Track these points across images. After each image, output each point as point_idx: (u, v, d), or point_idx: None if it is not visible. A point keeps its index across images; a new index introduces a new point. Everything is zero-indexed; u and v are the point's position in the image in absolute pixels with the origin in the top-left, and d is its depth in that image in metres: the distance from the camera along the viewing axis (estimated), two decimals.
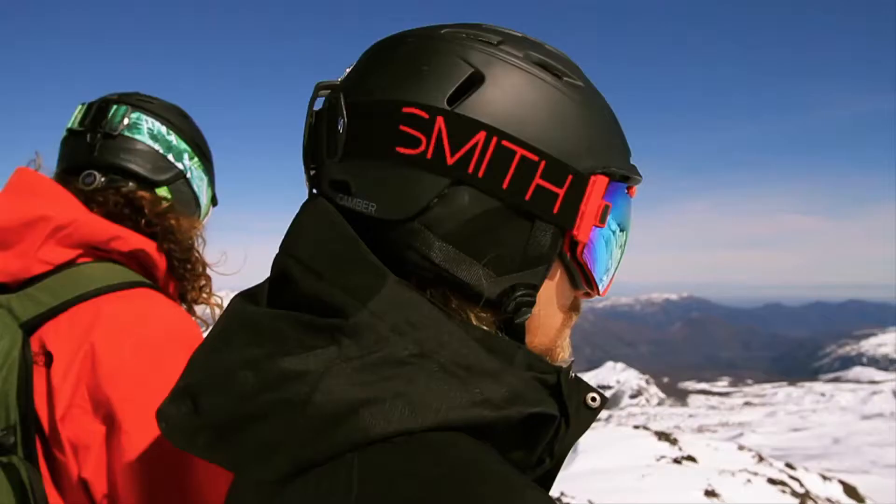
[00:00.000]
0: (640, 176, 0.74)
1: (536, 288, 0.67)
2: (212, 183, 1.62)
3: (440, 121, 0.63)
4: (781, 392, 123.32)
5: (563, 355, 0.75)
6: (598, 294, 0.75)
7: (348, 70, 0.72)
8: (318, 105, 0.72)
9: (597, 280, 0.72)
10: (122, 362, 1.20)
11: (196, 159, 1.54)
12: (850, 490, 20.42)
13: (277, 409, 0.57)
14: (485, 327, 0.66)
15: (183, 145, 1.51)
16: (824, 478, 20.97)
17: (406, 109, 0.64)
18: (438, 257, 0.63)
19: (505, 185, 0.64)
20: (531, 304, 0.67)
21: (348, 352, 0.58)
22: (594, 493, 14.71)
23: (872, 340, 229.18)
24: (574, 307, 0.76)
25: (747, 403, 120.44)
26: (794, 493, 17.54)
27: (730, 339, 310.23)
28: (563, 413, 0.66)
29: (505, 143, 0.63)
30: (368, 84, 0.67)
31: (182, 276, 1.44)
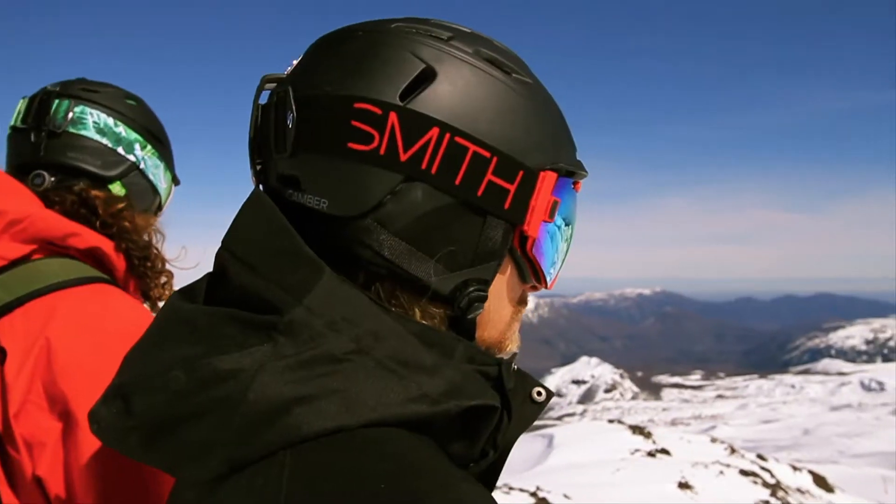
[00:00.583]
0: (586, 171, 0.75)
1: (488, 283, 0.68)
2: (170, 166, 1.58)
3: (393, 117, 0.63)
4: (753, 385, 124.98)
5: (513, 347, 0.76)
6: (546, 287, 0.76)
7: (295, 62, 0.71)
8: (265, 98, 0.70)
9: (545, 274, 0.73)
10: (79, 358, 1.18)
11: (149, 146, 1.49)
12: (819, 480, 20.76)
13: (210, 409, 0.57)
14: (435, 321, 0.67)
15: (133, 135, 1.45)
16: (794, 468, 21.30)
17: (358, 105, 0.63)
18: (391, 254, 0.63)
19: (458, 182, 0.64)
20: (483, 299, 0.67)
21: (283, 349, 0.57)
22: (569, 487, 14.80)
23: (840, 333, 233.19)
24: (522, 300, 0.77)
25: (720, 396, 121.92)
26: (766, 484, 17.81)
27: (702, 332, 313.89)
28: (505, 405, 0.66)
29: (458, 139, 0.63)
30: (318, 78, 0.66)
31: (143, 273, 1.41)
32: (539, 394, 0.70)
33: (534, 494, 13.68)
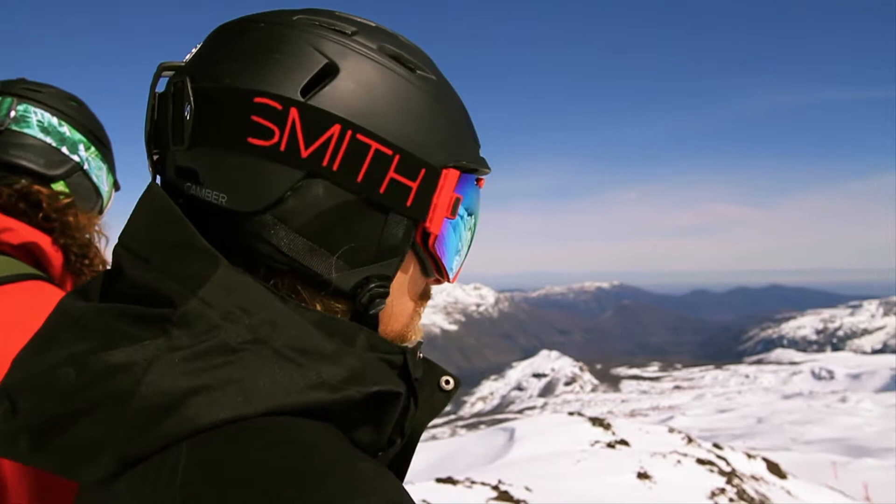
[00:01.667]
0: (489, 168, 0.75)
1: (390, 279, 0.68)
2: (112, 170, 1.56)
3: (294, 112, 0.62)
4: (709, 375, 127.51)
5: (416, 338, 0.76)
6: (448, 281, 0.77)
7: (194, 51, 0.69)
8: (163, 87, 0.69)
9: (448, 269, 0.74)
10: (9, 357, 1.15)
11: (93, 148, 1.46)
12: (772, 467, 21.29)
13: (101, 405, 0.55)
14: (337, 316, 0.66)
15: (77, 135, 1.43)
16: (749, 456, 21.80)
17: (258, 99, 0.62)
18: (292, 250, 0.63)
19: (359, 179, 0.63)
20: (385, 295, 0.67)
21: (177, 342, 0.56)
22: (531, 479, 14.91)
23: (792, 323, 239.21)
24: (424, 294, 0.76)
25: (677, 387, 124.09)
26: (722, 472, 18.18)
27: (659, 325, 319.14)
28: (410, 392, 0.66)
29: (359, 136, 0.63)
30: (217, 70, 0.65)
31: (79, 270, 1.37)
32: (447, 382, 0.71)
33: (495, 488, 13.74)
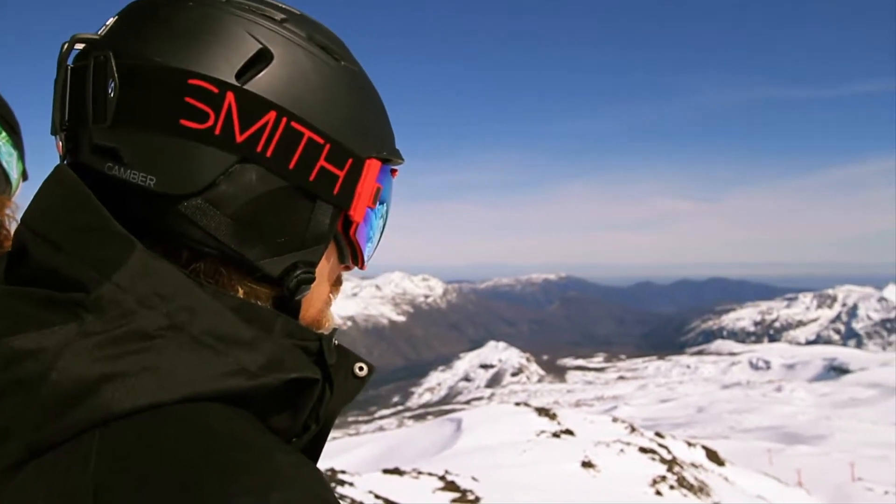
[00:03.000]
0: (403, 159, 0.77)
1: (315, 265, 0.69)
2: (21, 157, 1.52)
3: (230, 97, 0.62)
4: (651, 366, 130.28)
5: (330, 324, 0.77)
6: (360, 268, 0.78)
7: (111, 23, 0.67)
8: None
9: (365, 256, 0.76)
10: None
11: (3, 134, 1.42)
12: (711, 454, 21.90)
13: (8, 392, 0.54)
14: (260, 301, 0.67)
15: None
16: (689, 444, 22.39)
17: (192, 81, 0.62)
18: (222, 234, 0.63)
19: (292, 166, 0.64)
20: (311, 280, 0.68)
21: (90, 327, 0.55)
22: (477, 469, 15.02)
23: (732, 315, 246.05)
24: (338, 280, 0.78)
25: (621, 378, 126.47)
26: (663, 460, 18.62)
27: (604, 316, 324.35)
28: (326, 379, 0.67)
29: (294, 124, 0.64)
30: (146, 47, 0.63)
31: None
32: (361, 369, 0.71)
33: (442, 478, 13.81)
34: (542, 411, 23.82)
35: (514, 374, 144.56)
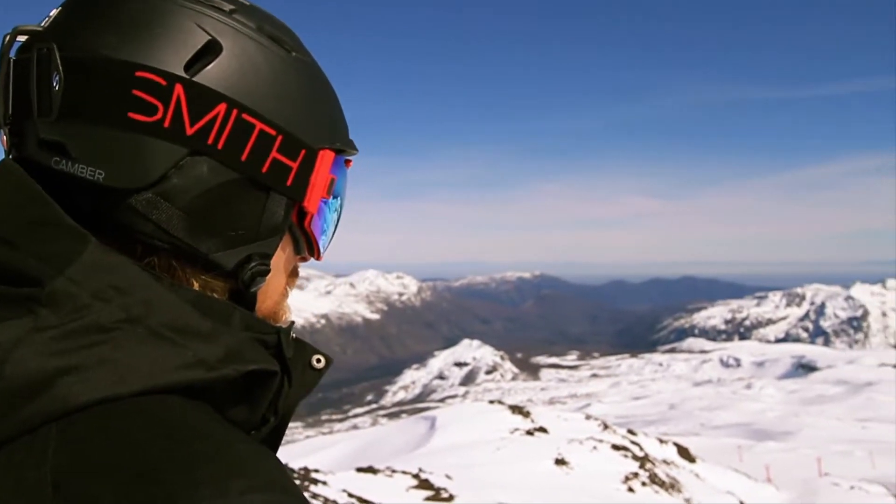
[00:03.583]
0: (357, 150, 0.77)
1: (270, 257, 0.69)
2: None
3: (179, 89, 0.61)
4: (624, 364, 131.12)
5: (286, 316, 0.77)
6: (317, 259, 0.79)
7: (55, 14, 0.66)
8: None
9: (320, 247, 0.76)
10: None
11: None
12: (683, 451, 22.12)
13: None
14: (216, 294, 0.66)
15: None
16: (661, 441, 22.60)
17: (140, 73, 0.61)
18: (175, 228, 0.62)
19: (244, 158, 0.64)
20: (266, 272, 0.68)
21: (45, 321, 0.55)
22: (451, 467, 15.02)
23: (703, 313, 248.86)
24: (294, 272, 0.78)
25: (594, 375, 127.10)
26: (635, 457, 18.77)
27: (578, 314, 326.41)
28: (284, 371, 0.67)
29: (245, 116, 0.63)
30: (91, 40, 0.62)
31: None
32: (318, 361, 0.72)
33: (416, 476, 13.78)
34: (516, 409, 23.88)
35: (488, 372, 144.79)
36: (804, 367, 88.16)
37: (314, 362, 0.71)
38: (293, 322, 0.76)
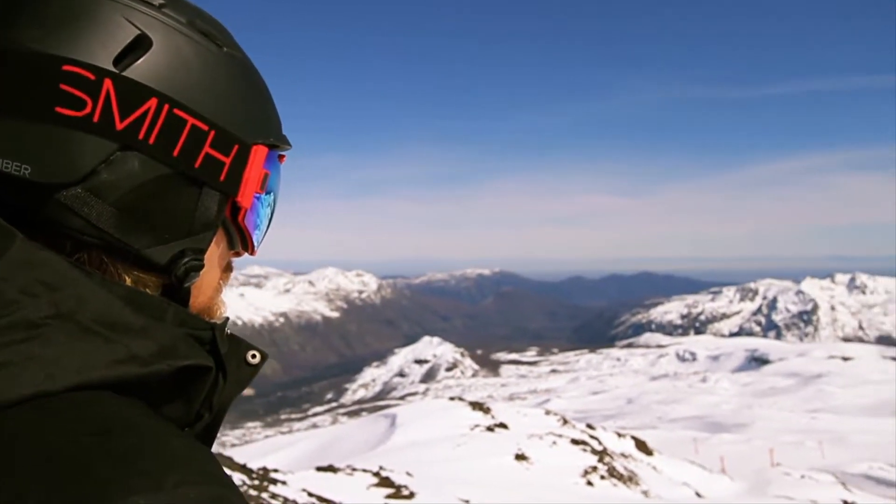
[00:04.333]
0: (290, 145, 0.77)
1: (204, 252, 0.68)
2: None
3: (108, 83, 0.60)
4: (583, 359, 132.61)
5: (221, 312, 0.77)
6: (251, 254, 0.79)
7: None
8: None
9: (254, 242, 0.76)
10: None
11: None
12: (640, 444, 22.48)
13: None
14: (149, 290, 0.66)
15: None
16: (619, 435, 22.93)
17: (67, 67, 0.60)
18: (105, 224, 0.61)
19: (176, 153, 0.63)
20: (199, 268, 0.68)
21: None
22: (412, 464, 15.02)
23: (660, 309, 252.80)
24: (228, 267, 0.78)
25: (553, 371, 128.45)
26: (594, 451, 19.03)
27: (537, 310, 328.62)
28: (219, 367, 0.67)
29: (176, 111, 0.63)
30: (13, 32, 0.61)
31: None
32: (254, 356, 0.72)
33: (377, 474, 13.74)
34: (476, 405, 23.99)
35: (448, 369, 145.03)
36: (757, 361, 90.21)
37: (249, 358, 0.71)
38: (228, 318, 0.75)
